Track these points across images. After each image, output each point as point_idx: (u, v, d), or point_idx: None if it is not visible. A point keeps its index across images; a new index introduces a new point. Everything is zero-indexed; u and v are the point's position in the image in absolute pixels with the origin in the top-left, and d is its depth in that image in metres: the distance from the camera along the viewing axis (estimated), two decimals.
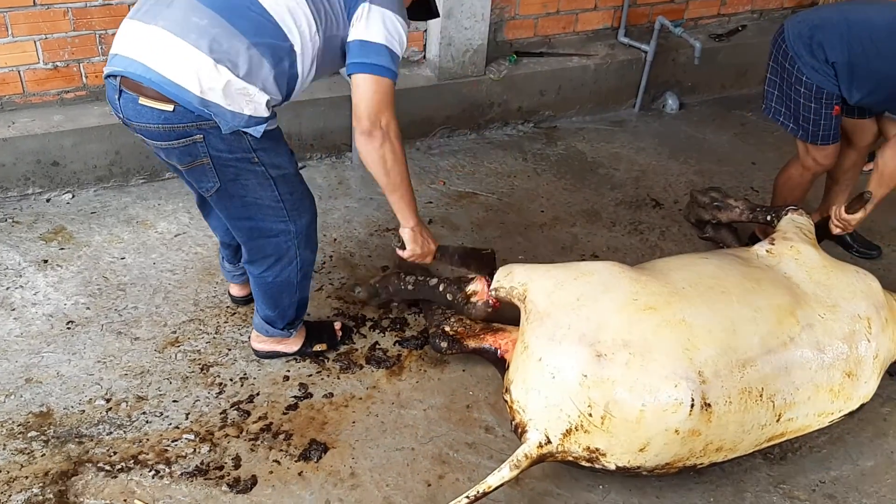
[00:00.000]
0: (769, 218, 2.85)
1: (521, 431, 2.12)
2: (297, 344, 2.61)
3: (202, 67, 1.93)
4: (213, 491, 2.19)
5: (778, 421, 2.17)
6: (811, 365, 2.20)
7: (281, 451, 2.33)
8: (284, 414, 2.44)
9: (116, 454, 2.28)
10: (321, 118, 3.63)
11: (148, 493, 2.18)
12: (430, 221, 3.36)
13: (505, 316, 2.51)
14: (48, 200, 3.29)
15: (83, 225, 3.17)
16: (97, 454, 2.27)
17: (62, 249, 3.04)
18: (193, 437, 2.35)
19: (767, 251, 2.50)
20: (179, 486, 2.20)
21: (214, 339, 2.69)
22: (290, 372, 2.59)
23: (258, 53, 1.98)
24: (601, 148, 4.09)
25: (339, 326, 2.71)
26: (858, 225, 2.81)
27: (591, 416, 2.02)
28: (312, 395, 2.52)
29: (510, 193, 3.64)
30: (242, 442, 2.34)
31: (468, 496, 2.03)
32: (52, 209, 3.25)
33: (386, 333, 2.77)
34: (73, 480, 2.19)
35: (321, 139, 3.71)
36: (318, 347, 2.64)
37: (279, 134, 2.18)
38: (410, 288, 2.70)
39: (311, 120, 3.61)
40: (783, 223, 2.69)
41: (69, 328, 2.69)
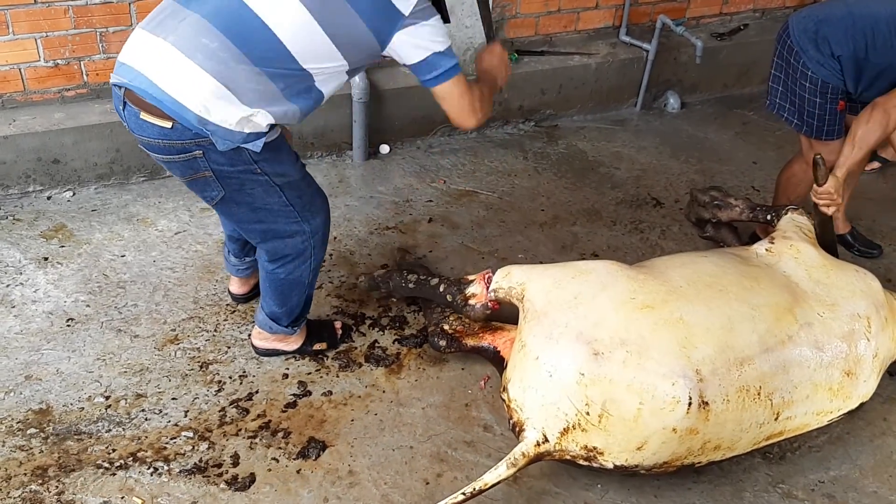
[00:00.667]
0: (769, 217, 2.84)
1: (518, 430, 2.12)
2: (297, 342, 2.61)
3: (205, 88, 1.94)
4: (211, 489, 2.20)
5: (776, 419, 2.17)
6: (810, 363, 2.20)
7: (279, 449, 2.33)
8: (283, 412, 2.44)
9: (115, 451, 2.28)
10: (321, 117, 3.63)
11: (146, 490, 2.18)
12: (429, 220, 3.36)
13: (503, 315, 2.51)
14: (49, 198, 3.30)
15: (84, 223, 3.18)
16: (96, 451, 2.28)
17: (62, 247, 3.04)
18: (192, 434, 2.35)
19: (767, 250, 2.49)
20: (178, 483, 2.21)
21: (214, 336, 2.70)
22: (289, 370, 2.59)
23: (267, 80, 1.99)
24: (602, 147, 4.08)
25: (339, 325, 2.72)
26: (840, 195, 2.68)
27: (588, 414, 2.02)
28: (311, 393, 2.52)
29: (511, 192, 3.63)
30: (241, 440, 2.35)
31: (464, 493, 2.03)
32: (52, 207, 3.25)
33: (385, 332, 2.77)
34: (71, 477, 2.20)
35: (322, 137, 3.71)
36: (317, 346, 2.64)
37: (280, 142, 2.17)
38: (411, 286, 2.70)
39: (311, 118, 3.54)
40: (783, 222, 2.68)
41: (69, 325, 2.69)
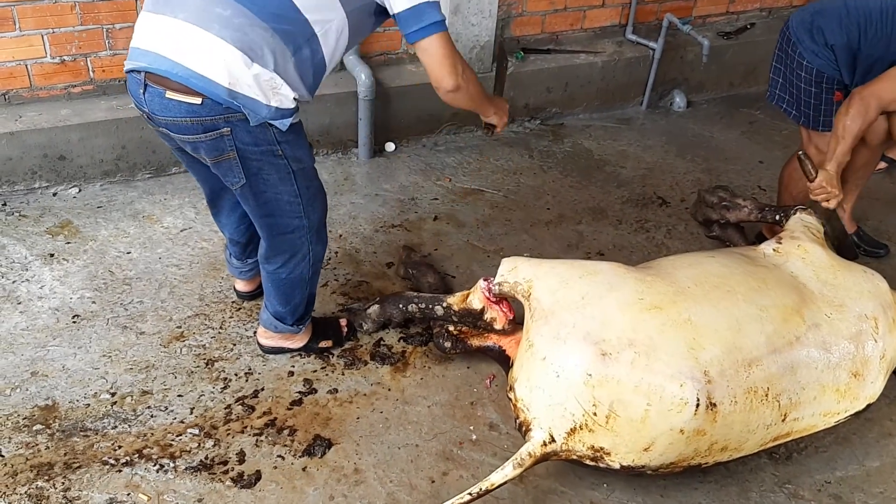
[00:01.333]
0: (778, 217, 2.83)
1: (525, 430, 2.12)
2: (303, 340, 2.61)
3: (229, 59, 1.92)
4: (216, 486, 2.20)
5: (783, 421, 2.16)
6: (817, 364, 2.19)
7: (285, 446, 2.33)
8: (289, 409, 2.44)
9: (121, 448, 2.28)
10: (327, 114, 3.63)
11: (152, 487, 2.18)
12: (435, 218, 3.36)
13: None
14: (55, 194, 3.30)
15: (89, 219, 3.18)
16: (102, 448, 2.28)
17: (68, 243, 3.04)
18: (198, 431, 2.35)
19: (774, 250, 2.48)
20: (184, 480, 2.21)
21: (220, 334, 2.70)
22: (294, 367, 2.59)
23: (280, 42, 1.97)
24: (608, 145, 4.08)
25: (344, 323, 2.71)
26: (835, 186, 2.69)
27: (595, 415, 2.01)
28: (317, 390, 2.52)
29: (516, 191, 3.63)
30: (247, 437, 2.35)
31: (471, 493, 2.03)
32: (58, 203, 3.25)
33: (390, 330, 2.76)
34: (77, 474, 2.20)
35: (327, 135, 3.71)
36: (323, 344, 2.64)
37: (301, 127, 2.18)
38: (418, 315, 2.64)
39: (316, 116, 3.60)
40: (791, 222, 2.67)
41: (75, 322, 2.69)
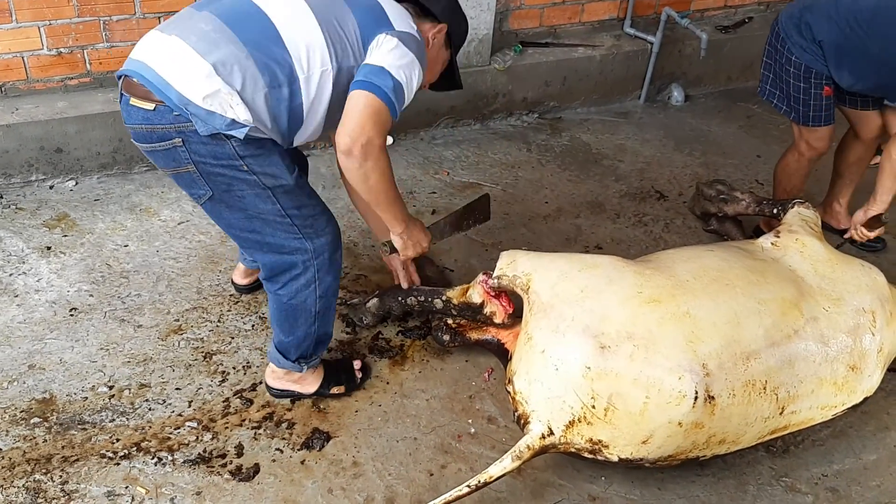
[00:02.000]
0: (776, 211, 2.84)
1: (523, 422, 2.12)
2: (313, 385, 2.44)
3: (192, 66, 1.88)
4: (215, 479, 2.20)
5: (781, 414, 2.17)
6: (815, 358, 2.19)
7: (283, 439, 2.33)
8: (287, 403, 2.44)
9: (119, 441, 2.28)
10: None
11: (150, 480, 2.18)
12: (433, 212, 3.35)
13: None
14: (51, 187, 3.29)
15: (86, 212, 3.17)
16: (100, 441, 2.28)
17: (65, 236, 3.03)
18: (196, 424, 2.35)
19: (772, 244, 2.49)
20: (182, 473, 2.20)
21: (217, 327, 2.69)
22: None
23: (256, 70, 1.90)
24: (606, 139, 4.07)
25: (358, 366, 2.53)
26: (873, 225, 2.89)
27: (594, 408, 2.01)
28: None
29: (514, 184, 3.63)
30: (245, 430, 2.35)
31: (469, 485, 2.03)
32: (55, 196, 3.24)
33: (389, 323, 2.76)
34: (75, 467, 2.20)
35: None
36: (335, 390, 2.46)
37: (269, 143, 2.01)
38: (417, 308, 2.64)
39: None
40: (789, 216, 2.68)
41: (72, 315, 2.69)
